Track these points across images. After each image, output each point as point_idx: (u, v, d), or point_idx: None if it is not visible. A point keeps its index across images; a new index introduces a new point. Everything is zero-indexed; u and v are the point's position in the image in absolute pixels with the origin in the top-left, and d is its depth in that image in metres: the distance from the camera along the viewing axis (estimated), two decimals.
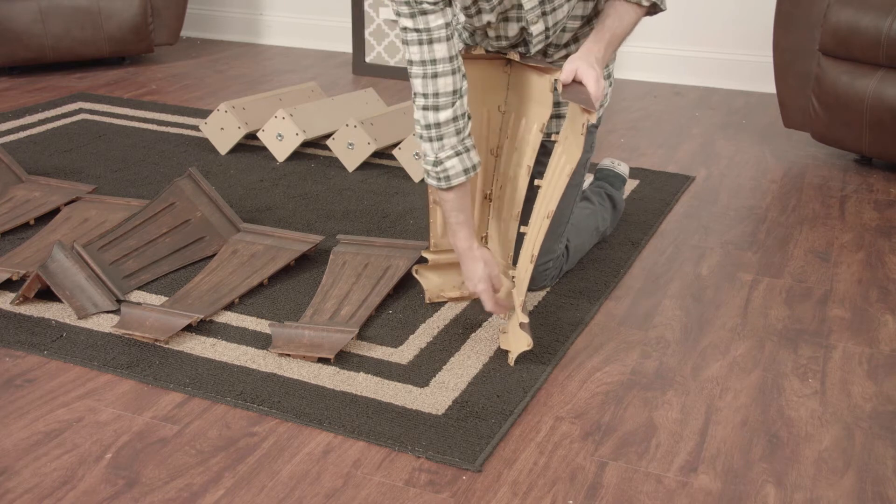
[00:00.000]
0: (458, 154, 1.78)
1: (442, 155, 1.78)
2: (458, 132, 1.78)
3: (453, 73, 1.74)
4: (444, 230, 1.96)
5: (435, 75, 1.73)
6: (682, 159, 2.94)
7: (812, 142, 3.06)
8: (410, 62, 1.75)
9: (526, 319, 1.71)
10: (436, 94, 1.75)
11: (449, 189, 1.81)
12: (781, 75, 2.89)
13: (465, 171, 1.79)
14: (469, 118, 1.80)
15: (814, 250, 2.28)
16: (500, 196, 1.97)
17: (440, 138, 1.77)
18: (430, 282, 1.98)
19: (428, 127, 1.77)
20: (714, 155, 2.98)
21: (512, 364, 1.74)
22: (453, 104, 1.76)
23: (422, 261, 2.06)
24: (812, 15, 2.77)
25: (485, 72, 1.92)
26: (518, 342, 1.73)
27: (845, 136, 2.77)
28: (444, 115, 1.76)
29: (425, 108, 1.76)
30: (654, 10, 1.84)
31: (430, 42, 1.72)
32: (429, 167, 1.80)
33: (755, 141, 3.12)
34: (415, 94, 1.77)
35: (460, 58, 1.78)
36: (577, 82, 1.70)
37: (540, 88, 1.85)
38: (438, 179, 1.80)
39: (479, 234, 2.00)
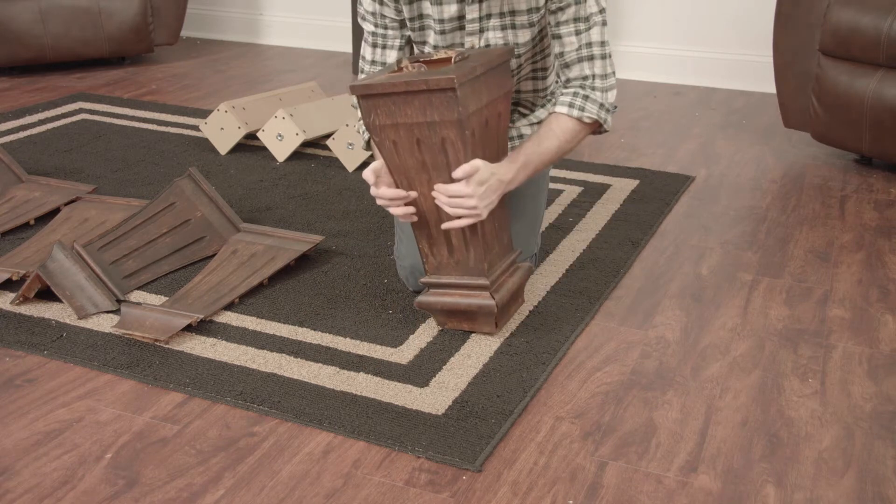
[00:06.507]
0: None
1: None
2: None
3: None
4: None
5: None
6: (682, 159, 2.94)
7: (812, 142, 3.06)
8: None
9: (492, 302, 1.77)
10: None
11: None
12: (781, 75, 2.89)
13: None
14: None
15: (814, 250, 2.28)
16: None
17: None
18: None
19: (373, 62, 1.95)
20: (714, 155, 2.98)
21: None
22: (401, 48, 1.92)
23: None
24: (812, 15, 2.77)
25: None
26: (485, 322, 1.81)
27: (845, 136, 2.77)
28: (391, 55, 1.91)
29: (374, 45, 1.92)
30: (598, 129, 1.87)
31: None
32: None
33: (755, 141, 3.12)
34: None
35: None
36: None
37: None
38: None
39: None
